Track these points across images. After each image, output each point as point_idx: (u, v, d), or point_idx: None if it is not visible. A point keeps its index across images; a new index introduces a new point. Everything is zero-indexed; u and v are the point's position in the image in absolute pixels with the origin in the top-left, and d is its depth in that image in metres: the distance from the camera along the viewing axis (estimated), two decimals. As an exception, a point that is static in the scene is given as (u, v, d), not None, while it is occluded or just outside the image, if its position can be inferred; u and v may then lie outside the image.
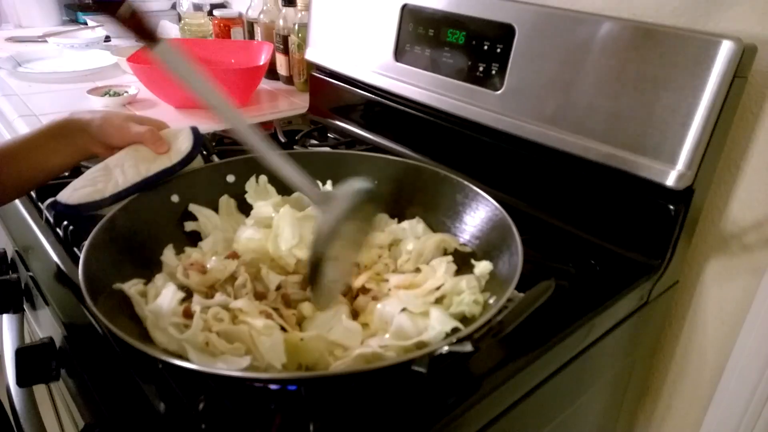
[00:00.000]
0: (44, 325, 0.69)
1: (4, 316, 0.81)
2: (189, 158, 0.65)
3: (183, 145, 0.66)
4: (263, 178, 0.70)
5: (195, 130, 0.68)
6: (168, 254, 0.60)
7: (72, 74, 1.41)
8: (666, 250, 0.69)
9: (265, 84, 1.42)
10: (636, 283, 0.67)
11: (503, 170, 0.83)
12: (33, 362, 0.60)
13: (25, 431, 0.67)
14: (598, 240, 0.73)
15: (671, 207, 0.67)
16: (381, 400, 0.47)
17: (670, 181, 0.64)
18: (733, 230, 0.74)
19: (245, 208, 0.70)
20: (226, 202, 0.68)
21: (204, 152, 0.70)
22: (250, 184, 0.70)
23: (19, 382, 0.61)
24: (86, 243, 0.53)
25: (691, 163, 0.63)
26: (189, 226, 0.65)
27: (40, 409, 0.70)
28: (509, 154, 0.82)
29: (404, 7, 0.90)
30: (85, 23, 1.92)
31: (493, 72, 0.79)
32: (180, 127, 0.68)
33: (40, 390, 0.74)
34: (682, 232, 0.69)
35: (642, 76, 0.65)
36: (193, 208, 0.65)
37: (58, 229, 0.71)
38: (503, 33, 0.77)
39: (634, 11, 0.75)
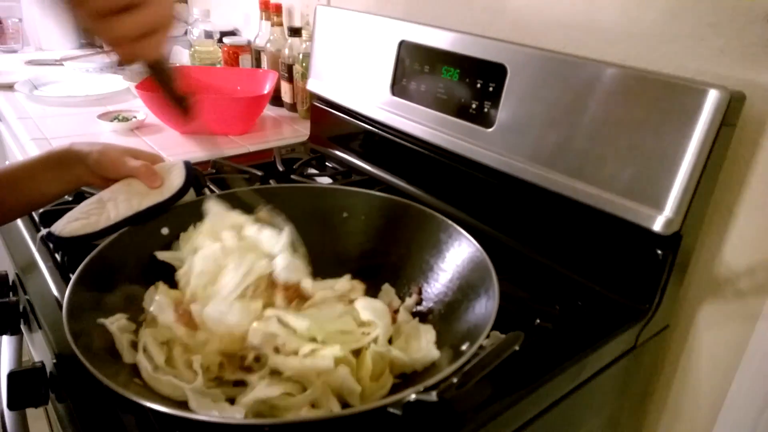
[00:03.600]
0: (38, 348, 0.70)
1: (4, 337, 0.83)
2: (180, 194, 0.67)
3: (175, 180, 0.67)
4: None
5: (188, 165, 0.69)
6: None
7: (84, 98, 1.45)
8: (654, 295, 0.68)
9: (270, 111, 1.45)
10: (623, 327, 0.67)
11: (494, 207, 0.84)
12: (24, 386, 0.61)
13: (14, 454, 0.67)
14: (586, 281, 0.72)
15: (659, 252, 0.66)
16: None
17: (657, 226, 0.64)
18: (726, 275, 0.73)
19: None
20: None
21: (197, 186, 0.71)
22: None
23: (10, 405, 0.62)
24: (72, 277, 0.54)
25: (678, 209, 0.63)
26: (162, 255, 0.65)
27: (37, 429, 0.72)
28: (500, 191, 0.82)
29: (402, 43, 0.91)
30: (101, 47, 1.97)
31: (486, 110, 0.80)
32: (173, 162, 0.70)
33: (37, 411, 0.75)
34: (671, 276, 0.68)
35: (630, 120, 0.65)
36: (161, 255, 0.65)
37: (56, 255, 0.73)
38: (496, 72, 0.78)
39: (627, 53, 0.76)
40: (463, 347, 0.49)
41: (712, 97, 0.58)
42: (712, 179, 0.67)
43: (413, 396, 0.42)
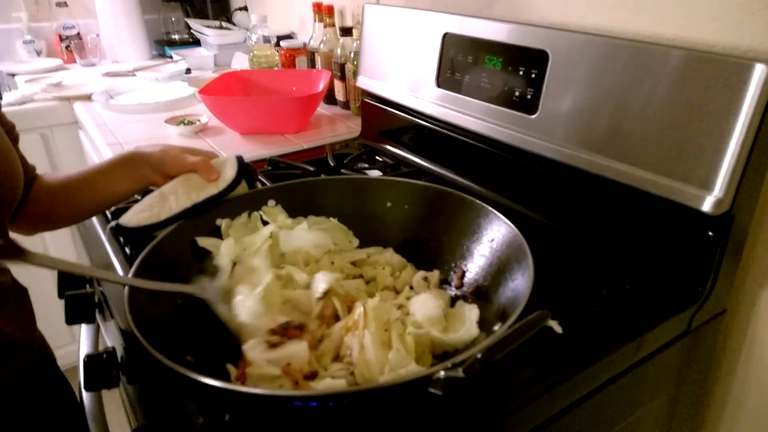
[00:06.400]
0: (111, 335, 0.76)
1: (83, 326, 0.90)
2: (233, 185, 0.71)
3: (228, 172, 0.72)
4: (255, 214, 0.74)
5: (240, 159, 0.73)
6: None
7: (154, 105, 1.55)
8: (707, 277, 0.66)
9: (325, 109, 1.49)
10: (674, 310, 0.66)
11: (540, 193, 0.84)
12: (98, 369, 0.67)
13: (91, 430, 0.74)
14: (635, 265, 0.71)
15: (710, 233, 0.65)
16: (399, 422, 0.50)
17: (707, 206, 0.62)
18: (788, 257, 0.70)
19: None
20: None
21: (249, 179, 0.75)
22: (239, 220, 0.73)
23: (86, 386, 0.68)
24: (134, 265, 0.59)
25: (728, 188, 0.61)
26: (203, 242, 0.69)
27: (112, 411, 0.78)
28: (545, 177, 0.82)
29: (446, 35, 0.93)
30: (171, 57, 2.09)
31: (529, 97, 0.80)
32: (226, 157, 0.74)
33: (113, 394, 0.82)
34: (725, 258, 0.66)
35: (675, 99, 0.64)
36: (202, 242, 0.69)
37: (126, 248, 0.79)
38: (537, 59, 0.78)
39: (675, 32, 0.74)
40: (495, 327, 0.50)
41: (759, 71, 0.56)
42: (764, 157, 0.64)
43: (442, 373, 0.43)
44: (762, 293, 0.74)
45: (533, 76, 0.79)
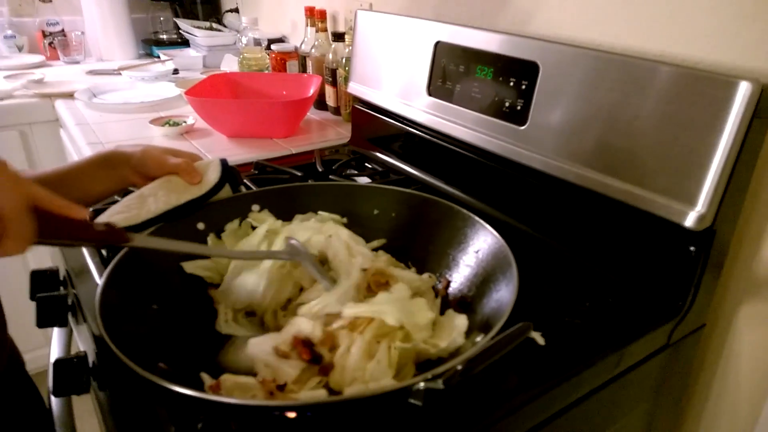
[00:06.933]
0: (84, 340, 0.74)
1: (55, 329, 0.88)
2: (216, 189, 0.70)
3: (212, 176, 0.71)
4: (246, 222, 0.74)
5: (224, 163, 0.72)
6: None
7: (139, 105, 1.53)
8: (688, 292, 0.67)
9: (315, 114, 1.48)
10: (655, 324, 0.66)
11: (526, 204, 0.84)
12: (67, 374, 0.65)
13: (59, 437, 0.72)
14: (618, 278, 0.71)
15: (691, 248, 0.65)
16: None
17: (689, 221, 0.63)
18: (766, 273, 0.71)
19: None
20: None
21: (232, 183, 0.74)
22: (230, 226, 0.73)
23: (55, 391, 0.66)
24: (108, 268, 0.57)
25: (710, 204, 0.61)
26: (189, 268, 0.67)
27: (85, 416, 0.76)
28: (533, 188, 0.82)
29: (438, 44, 0.93)
30: (158, 57, 2.07)
31: (519, 108, 0.80)
32: (210, 159, 0.73)
33: (85, 401, 0.80)
34: (706, 273, 0.66)
35: (661, 114, 0.64)
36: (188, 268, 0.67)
37: (102, 250, 0.77)
38: (528, 70, 0.78)
39: (663, 48, 0.74)
40: (478, 338, 0.49)
41: (743, 89, 0.57)
42: (746, 174, 0.65)
43: (422, 384, 0.42)
44: (740, 309, 0.74)
45: (524, 87, 0.79)
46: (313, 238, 0.69)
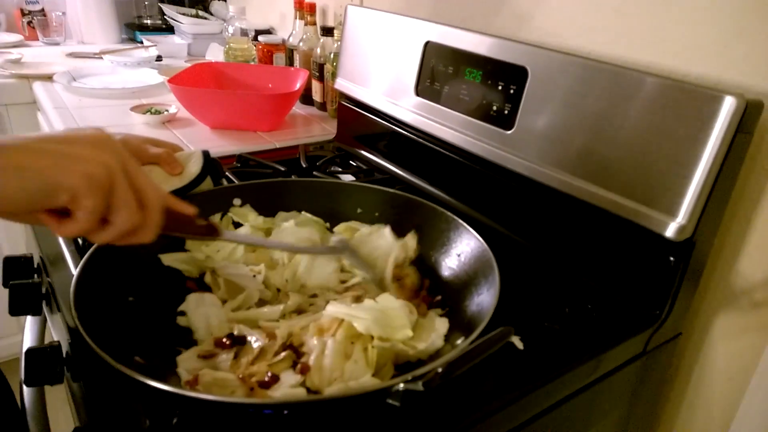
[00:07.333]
0: (57, 329, 0.73)
1: (28, 318, 0.86)
2: (197, 181, 0.69)
3: (193, 167, 0.69)
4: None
5: (206, 154, 0.71)
6: None
7: (121, 91, 1.50)
8: (665, 301, 0.68)
9: (301, 109, 1.47)
10: (632, 332, 0.67)
11: (509, 208, 0.84)
12: (40, 364, 0.64)
13: (30, 428, 0.70)
14: (597, 285, 0.72)
15: (671, 258, 0.66)
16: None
17: (670, 232, 0.63)
18: (742, 286, 0.72)
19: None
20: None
21: (214, 175, 0.73)
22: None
23: (27, 381, 0.65)
24: (83, 259, 0.56)
25: (691, 216, 0.62)
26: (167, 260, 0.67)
27: (57, 406, 0.74)
28: (516, 193, 0.82)
29: (427, 44, 0.92)
30: (141, 42, 2.03)
31: (506, 112, 0.80)
32: (192, 150, 0.72)
33: (58, 391, 0.78)
34: (684, 283, 0.67)
35: (647, 125, 0.65)
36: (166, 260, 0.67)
37: (78, 239, 0.76)
38: (517, 75, 0.78)
39: (651, 59, 0.75)
40: (459, 341, 0.50)
41: (728, 103, 0.58)
42: (727, 187, 0.66)
43: (401, 385, 0.43)
44: (716, 319, 0.76)
45: (512, 91, 0.79)
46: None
